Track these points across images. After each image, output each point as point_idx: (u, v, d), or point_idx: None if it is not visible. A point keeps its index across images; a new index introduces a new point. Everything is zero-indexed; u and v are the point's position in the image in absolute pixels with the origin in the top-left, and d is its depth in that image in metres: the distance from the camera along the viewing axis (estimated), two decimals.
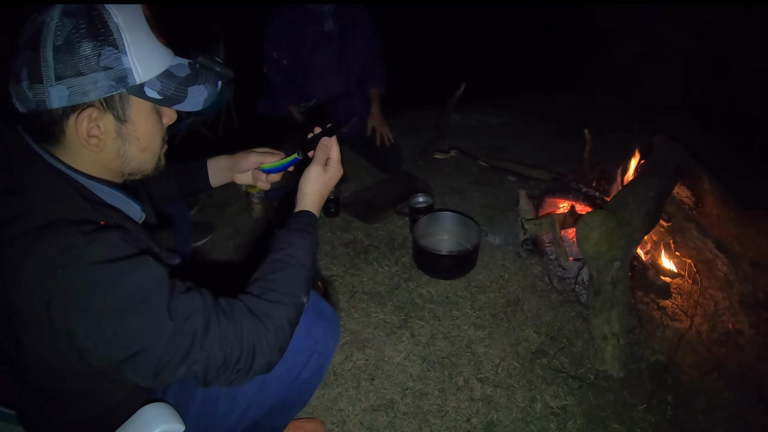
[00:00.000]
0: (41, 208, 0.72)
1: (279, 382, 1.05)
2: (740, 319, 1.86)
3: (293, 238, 0.96)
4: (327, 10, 2.52)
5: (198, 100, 0.89)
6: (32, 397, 0.86)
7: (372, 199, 2.50)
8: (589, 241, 1.63)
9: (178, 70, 0.87)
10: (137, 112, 0.83)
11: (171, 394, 1.01)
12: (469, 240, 2.14)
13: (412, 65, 4.36)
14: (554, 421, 1.52)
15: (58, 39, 0.74)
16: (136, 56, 0.79)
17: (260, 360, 0.82)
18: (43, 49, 0.74)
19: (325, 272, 2.08)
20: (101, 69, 0.76)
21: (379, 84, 2.76)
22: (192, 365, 0.76)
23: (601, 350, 1.66)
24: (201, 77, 0.90)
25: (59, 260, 0.68)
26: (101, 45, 0.76)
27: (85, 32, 0.75)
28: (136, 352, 0.72)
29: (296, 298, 0.89)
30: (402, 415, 1.54)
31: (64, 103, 0.76)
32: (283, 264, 0.92)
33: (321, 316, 1.12)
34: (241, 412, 1.04)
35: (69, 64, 0.74)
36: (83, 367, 0.74)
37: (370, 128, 2.73)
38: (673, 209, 2.24)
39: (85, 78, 0.76)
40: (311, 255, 0.96)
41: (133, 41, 0.79)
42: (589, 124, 2.64)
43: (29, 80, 0.75)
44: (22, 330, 0.73)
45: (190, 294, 0.79)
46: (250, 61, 2.77)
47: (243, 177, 1.23)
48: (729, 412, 1.57)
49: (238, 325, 0.80)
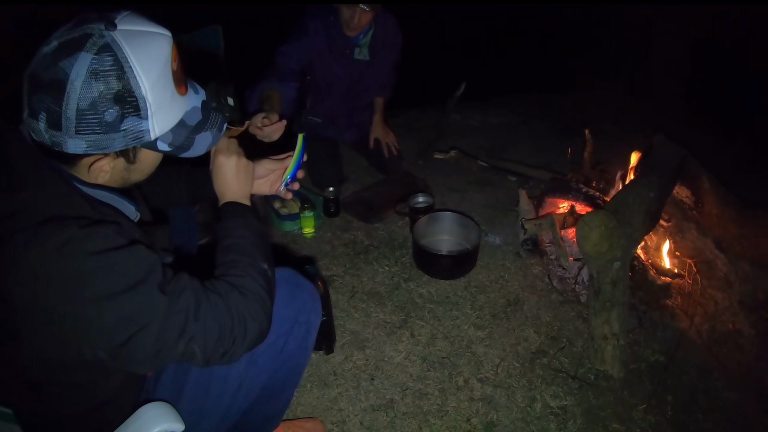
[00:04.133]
0: (41, 205, 0.74)
1: (266, 357, 1.08)
2: (740, 319, 1.86)
3: (229, 223, 1.01)
4: (360, 39, 2.33)
5: (203, 146, 0.93)
6: (26, 391, 0.87)
7: (372, 199, 2.50)
8: (589, 241, 1.64)
9: (191, 117, 0.90)
10: (146, 155, 0.88)
11: (163, 384, 1.02)
12: (469, 240, 2.14)
13: (412, 65, 4.36)
14: (554, 421, 1.52)
15: (82, 102, 0.74)
16: (156, 120, 0.82)
17: (252, 325, 0.86)
18: (66, 107, 0.74)
19: (325, 272, 2.09)
20: (121, 131, 0.79)
21: (386, 93, 2.69)
22: (190, 341, 0.79)
23: (601, 350, 1.66)
24: (210, 122, 0.93)
25: (58, 252, 0.70)
26: (125, 113, 0.78)
27: (111, 101, 0.76)
28: (136, 331, 0.75)
29: (258, 266, 0.94)
30: (402, 415, 1.54)
31: (80, 152, 0.78)
32: (231, 245, 0.97)
33: (299, 288, 1.15)
34: (232, 393, 1.05)
35: (91, 125, 0.76)
36: (81, 358, 0.76)
37: (372, 140, 2.68)
38: (673, 209, 2.24)
39: (103, 136, 0.78)
40: (252, 229, 1.01)
41: (156, 107, 0.81)
42: (590, 124, 2.64)
43: (47, 124, 0.76)
44: (20, 322, 0.74)
45: (178, 276, 0.83)
46: (249, 60, 2.77)
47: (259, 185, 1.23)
48: (729, 412, 1.57)
49: (225, 297, 0.85)
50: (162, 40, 0.81)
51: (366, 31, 2.32)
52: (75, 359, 0.77)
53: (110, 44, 0.75)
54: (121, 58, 0.75)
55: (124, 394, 0.94)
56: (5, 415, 0.92)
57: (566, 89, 4.07)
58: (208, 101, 0.94)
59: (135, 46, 0.77)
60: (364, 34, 2.33)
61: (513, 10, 5.61)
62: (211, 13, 3.27)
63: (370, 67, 2.45)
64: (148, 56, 0.78)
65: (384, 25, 2.39)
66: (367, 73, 2.49)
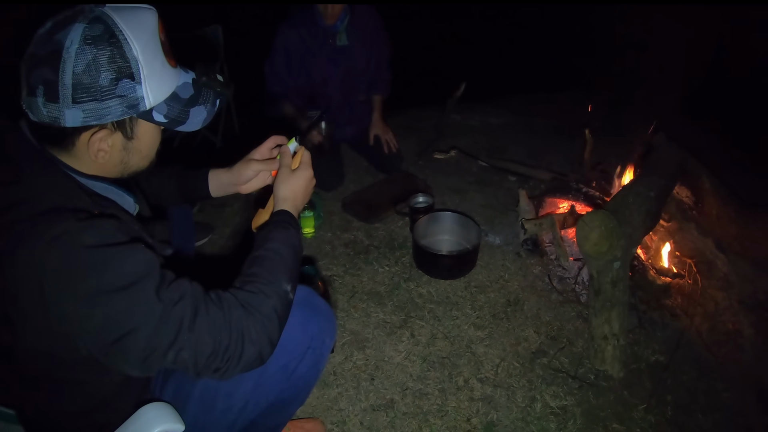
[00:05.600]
0: (39, 197, 0.75)
1: (275, 378, 1.06)
2: (740, 319, 1.86)
3: (271, 234, 1.00)
4: (339, 26, 2.46)
5: (198, 120, 0.94)
6: (27, 390, 0.87)
7: (372, 199, 2.50)
8: (589, 241, 1.64)
9: (183, 91, 0.92)
10: (143, 130, 0.89)
11: (168, 393, 1.02)
12: (469, 240, 2.14)
13: (412, 65, 4.36)
14: (554, 421, 1.52)
15: (77, 66, 0.77)
16: (149, 86, 0.84)
17: (250, 349, 0.83)
18: (63, 74, 0.76)
19: (325, 272, 2.09)
20: (116, 97, 0.81)
21: (383, 91, 2.74)
22: (180, 351, 0.78)
23: (601, 350, 1.66)
24: (202, 97, 0.94)
25: (54, 243, 0.71)
26: (119, 77, 0.80)
27: (105, 63, 0.78)
28: (125, 334, 0.74)
29: (278, 287, 0.91)
30: (402, 415, 1.54)
31: (77, 124, 0.80)
32: (261, 258, 0.95)
33: (316, 312, 1.12)
34: (238, 410, 1.04)
35: (87, 91, 0.78)
36: (74, 353, 0.76)
37: (372, 137, 2.72)
38: (673, 209, 2.24)
39: (100, 104, 0.79)
40: (290, 246, 0.99)
41: (148, 72, 0.83)
42: (590, 124, 2.64)
43: (45, 97, 0.78)
44: (16, 314, 0.74)
45: (179, 281, 0.81)
46: (249, 60, 2.77)
47: (248, 186, 1.23)
48: (729, 412, 1.57)
49: (227, 313, 0.82)
50: (148, 11, 0.85)
51: (342, 18, 2.45)
52: (71, 354, 0.77)
53: (101, 16, 0.79)
54: (111, 25, 0.79)
55: (125, 393, 0.93)
56: (7, 416, 0.92)
57: (566, 89, 4.07)
58: (198, 78, 0.95)
59: (124, 16, 0.81)
60: (341, 21, 2.46)
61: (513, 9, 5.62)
62: (212, 13, 3.27)
63: (353, 51, 2.54)
64: (137, 24, 0.82)
65: (360, 11, 2.52)
66: (354, 60, 2.57)
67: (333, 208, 2.50)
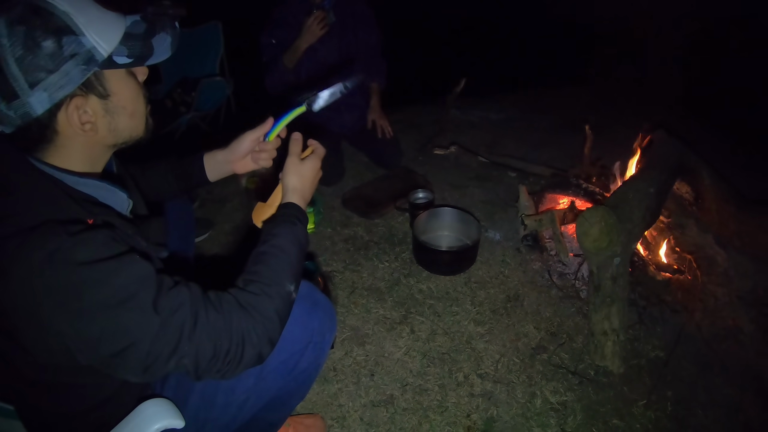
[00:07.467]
0: (28, 209, 0.73)
1: (276, 374, 1.06)
2: (740, 315, 1.86)
3: (277, 230, 0.97)
4: (327, 3, 2.49)
5: (165, 48, 0.90)
6: (27, 391, 0.87)
7: (372, 195, 2.50)
8: (589, 237, 1.63)
9: (135, 28, 0.87)
10: (115, 81, 0.85)
11: (169, 389, 1.02)
12: (469, 236, 2.14)
13: (412, 61, 4.35)
14: (554, 417, 1.53)
15: (16, 51, 0.74)
16: (94, 33, 0.80)
17: (250, 351, 0.83)
18: (7, 68, 0.74)
19: (324, 268, 2.09)
20: (68, 59, 0.77)
21: (379, 78, 2.75)
22: (181, 359, 0.77)
23: (601, 346, 1.66)
24: (158, 26, 0.90)
25: (47, 262, 0.69)
26: (59, 37, 0.76)
27: (39, 32, 0.75)
28: (124, 348, 0.74)
29: (281, 288, 0.90)
30: (402, 411, 1.54)
31: (47, 106, 0.77)
32: (266, 255, 0.93)
33: (316, 307, 1.12)
34: (239, 405, 1.04)
35: (36, 67, 0.75)
36: (73, 362, 0.75)
37: (370, 121, 2.73)
38: (673, 205, 2.23)
39: (56, 74, 0.76)
40: (296, 243, 0.97)
41: (86, 21, 0.79)
42: (590, 119, 2.64)
43: (4, 101, 0.75)
44: (13, 330, 0.74)
45: (177, 288, 0.80)
46: (248, 58, 2.76)
47: (243, 164, 1.22)
48: (729, 408, 1.58)
49: (227, 316, 0.81)
50: None
51: None
52: (71, 363, 0.76)
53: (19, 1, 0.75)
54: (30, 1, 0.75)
55: (126, 392, 0.93)
56: (6, 412, 0.92)
57: (566, 85, 4.07)
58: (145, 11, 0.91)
59: None
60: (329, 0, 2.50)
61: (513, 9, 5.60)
62: (212, 10, 3.26)
63: (343, 28, 2.57)
64: None
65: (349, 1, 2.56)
66: (345, 36, 2.59)
67: (333, 204, 2.50)
